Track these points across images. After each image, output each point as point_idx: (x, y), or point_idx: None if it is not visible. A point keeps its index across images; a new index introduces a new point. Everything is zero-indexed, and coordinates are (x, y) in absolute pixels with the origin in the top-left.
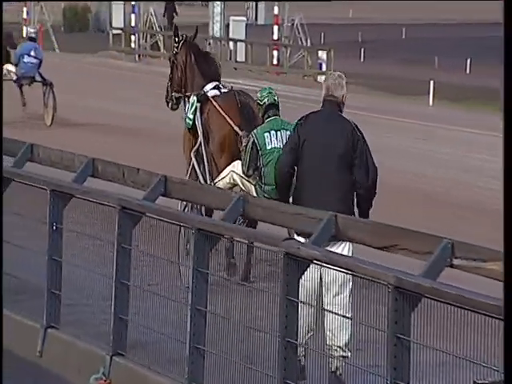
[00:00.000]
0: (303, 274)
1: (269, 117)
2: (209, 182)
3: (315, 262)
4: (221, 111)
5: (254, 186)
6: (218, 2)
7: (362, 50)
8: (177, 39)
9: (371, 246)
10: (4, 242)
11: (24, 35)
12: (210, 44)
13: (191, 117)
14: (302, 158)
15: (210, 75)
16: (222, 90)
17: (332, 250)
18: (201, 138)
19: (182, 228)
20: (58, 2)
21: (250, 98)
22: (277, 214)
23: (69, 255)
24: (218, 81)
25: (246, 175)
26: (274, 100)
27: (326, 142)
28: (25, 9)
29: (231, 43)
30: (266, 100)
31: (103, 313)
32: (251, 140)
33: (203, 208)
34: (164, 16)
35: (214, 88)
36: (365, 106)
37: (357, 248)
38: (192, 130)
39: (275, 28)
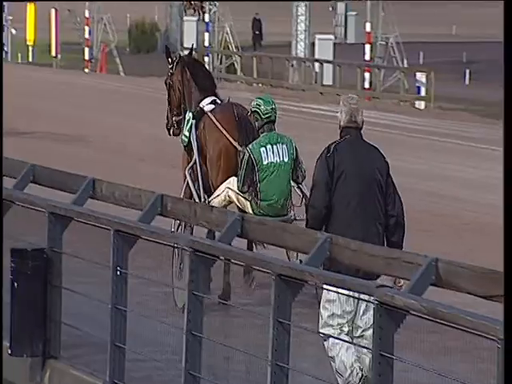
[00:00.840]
0: (398, 326)
1: (264, 131)
2: (203, 199)
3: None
4: (217, 124)
5: (250, 201)
6: (303, 18)
7: (467, 71)
8: (170, 60)
9: (475, 295)
10: (62, 287)
11: (86, 57)
12: (292, 66)
13: (187, 134)
14: (336, 190)
15: (206, 89)
16: (222, 103)
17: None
18: (195, 155)
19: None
20: (122, 19)
21: (247, 111)
22: (367, 258)
23: (134, 303)
24: (215, 95)
25: (241, 191)
26: (275, 117)
27: (361, 172)
28: (87, 28)
29: (317, 64)
30: (269, 115)
31: (174, 368)
32: (247, 155)
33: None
34: (253, 38)
35: (211, 103)
36: (477, 137)
37: None
38: (187, 147)
39: (367, 47)
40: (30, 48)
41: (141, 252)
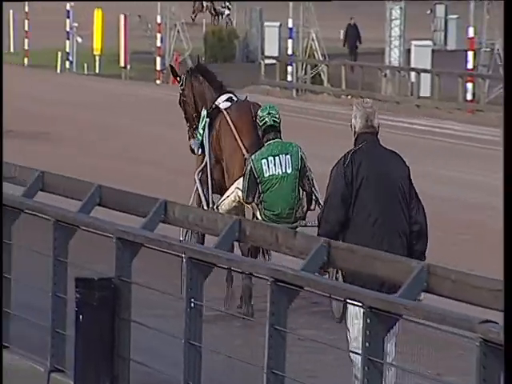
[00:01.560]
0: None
1: (268, 140)
2: (211, 204)
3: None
4: (232, 126)
5: (257, 205)
6: (397, 22)
7: None
8: (178, 79)
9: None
10: (131, 320)
11: (158, 68)
12: (385, 75)
13: (201, 132)
14: (355, 202)
15: (221, 86)
16: (240, 100)
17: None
18: (207, 157)
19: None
20: (197, 25)
21: None
22: (470, 290)
23: (209, 337)
24: (231, 92)
25: (246, 202)
26: (274, 121)
27: (382, 180)
28: (158, 35)
29: (413, 74)
30: (265, 120)
31: None
32: (249, 167)
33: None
34: (345, 44)
35: (227, 100)
36: None
37: None
38: (201, 146)
39: (470, 54)
40: (97, 58)
41: (215, 282)
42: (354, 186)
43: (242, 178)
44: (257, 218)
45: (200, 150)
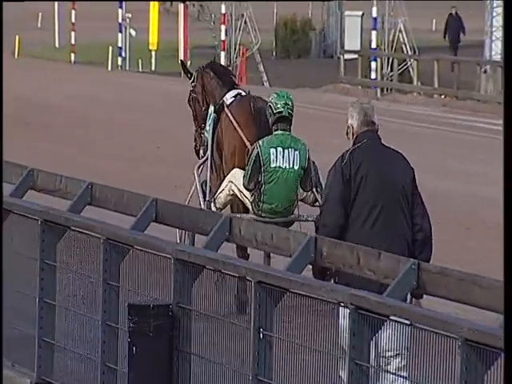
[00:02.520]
0: None
1: (278, 129)
2: (208, 198)
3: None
4: (232, 120)
5: (251, 203)
6: (499, 10)
7: None
8: (189, 75)
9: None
10: (192, 353)
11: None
12: (485, 72)
13: (208, 129)
14: (353, 203)
15: (230, 82)
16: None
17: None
18: (209, 151)
19: None
20: (267, 16)
21: (267, 104)
22: None
23: (281, 372)
24: (240, 88)
25: (247, 188)
26: (289, 114)
27: (382, 180)
28: (223, 27)
29: None
30: (280, 111)
31: None
32: (255, 151)
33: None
34: (445, 36)
35: (234, 96)
36: None
37: None
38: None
39: None
40: (153, 53)
41: (290, 308)
42: (352, 186)
43: (235, 170)
44: (248, 211)
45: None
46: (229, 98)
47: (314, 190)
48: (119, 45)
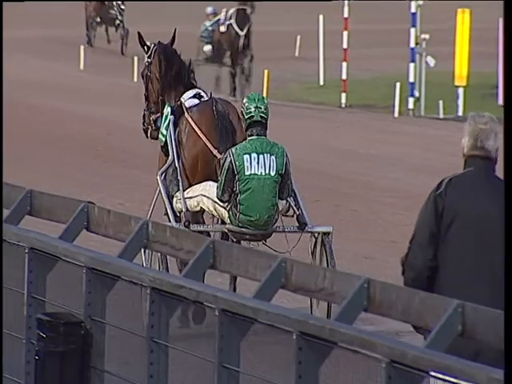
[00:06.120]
0: None
1: (252, 135)
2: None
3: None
4: (194, 126)
5: (228, 211)
6: None
7: None
8: (145, 48)
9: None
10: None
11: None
12: None
13: (164, 132)
14: (444, 241)
15: (189, 81)
16: (203, 100)
17: None
18: (171, 157)
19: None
20: None
21: (231, 106)
22: None
23: None
24: (199, 87)
25: (221, 200)
26: (261, 117)
27: (482, 217)
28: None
29: None
30: (252, 115)
31: None
32: (228, 160)
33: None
34: None
35: (193, 96)
36: None
37: None
38: (164, 148)
39: None
40: (461, 91)
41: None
42: (443, 221)
43: (207, 183)
44: (225, 223)
45: (162, 143)
46: (186, 98)
47: (289, 198)
48: (410, 79)
